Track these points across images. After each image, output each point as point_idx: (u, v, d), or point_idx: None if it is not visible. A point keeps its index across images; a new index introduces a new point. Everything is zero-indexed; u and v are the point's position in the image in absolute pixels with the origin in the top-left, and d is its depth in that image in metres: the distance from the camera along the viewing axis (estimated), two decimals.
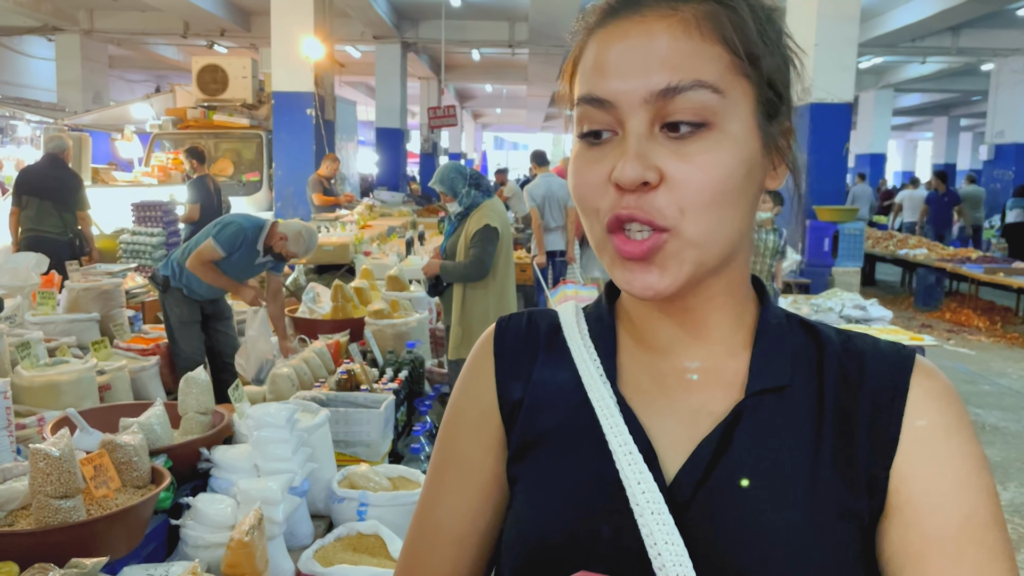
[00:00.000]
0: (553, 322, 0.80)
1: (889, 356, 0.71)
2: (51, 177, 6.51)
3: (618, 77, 0.64)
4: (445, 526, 0.77)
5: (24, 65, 16.39)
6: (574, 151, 0.70)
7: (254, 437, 2.35)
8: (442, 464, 0.80)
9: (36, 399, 2.89)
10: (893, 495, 0.66)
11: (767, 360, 0.71)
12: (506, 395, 0.77)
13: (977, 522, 0.64)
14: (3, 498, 1.81)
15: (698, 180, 0.63)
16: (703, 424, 0.70)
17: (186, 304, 4.16)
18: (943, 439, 0.67)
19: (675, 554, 0.62)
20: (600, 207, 0.66)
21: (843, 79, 9.30)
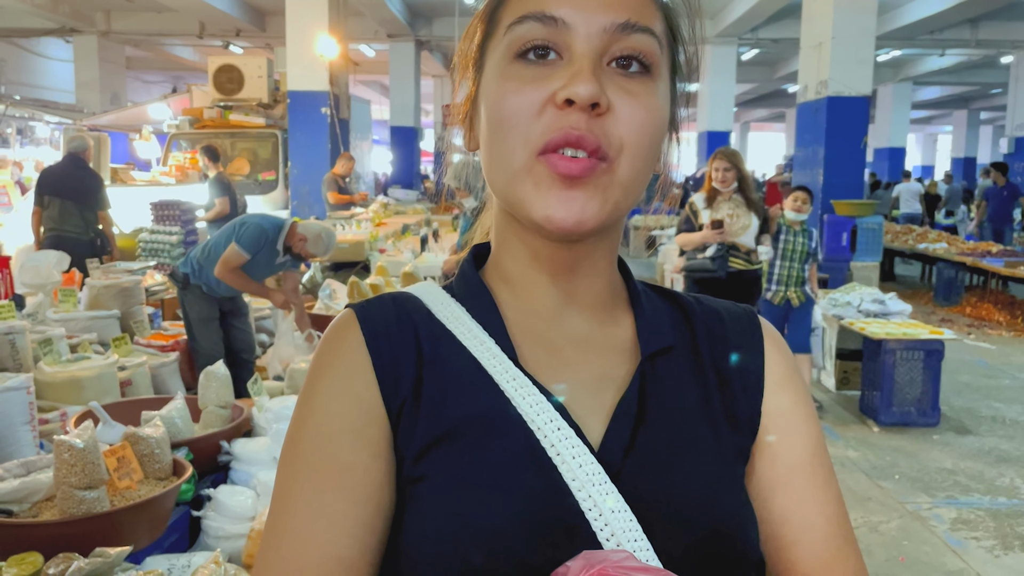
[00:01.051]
0: (419, 305, 0.73)
1: (740, 315, 0.79)
2: (72, 177, 6.56)
3: (578, 4, 0.65)
4: (330, 550, 0.63)
5: (42, 67, 16.56)
6: (500, 73, 0.67)
7: (273, 430, 2.37)
8: (313, 477, 0.65)
9: (58, 394, 2.92)
10: (762, 432, 0.74)
11: (651, 324, 0.75)
12: (391, 392, 0.68)
13: (820, 447, 0.75)
14: (28, 490, 1.84)
15: (641, 118, 0.65)
16: (609, 390, 0.70)
17: (205, 301, 4.19)
18: (792, 382, 0.77)
19: (623, 520, 0.62)
20: (533, 128, 0.64)
21: (860, 72, 9.23)
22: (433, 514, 0.64)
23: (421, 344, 0.70)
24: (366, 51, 16.85)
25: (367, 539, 0.64)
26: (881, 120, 21.32)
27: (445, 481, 0.65)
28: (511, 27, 0.67)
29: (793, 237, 5.43)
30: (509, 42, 0.67)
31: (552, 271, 0.72)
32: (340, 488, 0.64)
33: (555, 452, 0.64)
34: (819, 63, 9.47)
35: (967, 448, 4.99)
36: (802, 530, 0.71)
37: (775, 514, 0.72)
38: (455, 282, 0.76)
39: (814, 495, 0.72)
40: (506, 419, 0.66)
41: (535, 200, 0.65)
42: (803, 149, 10.08)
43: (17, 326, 3.03)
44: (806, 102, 9.86)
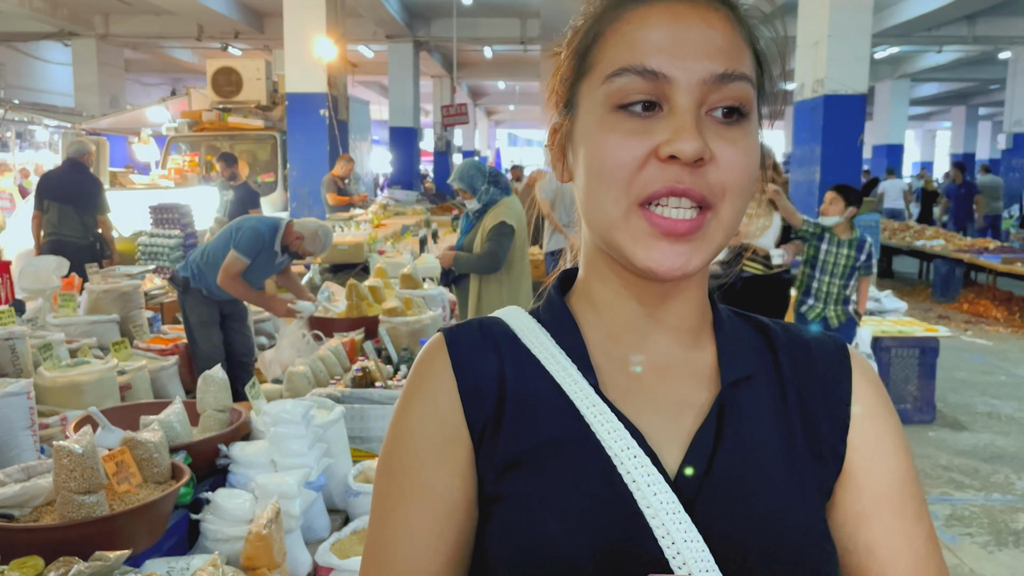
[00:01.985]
0: (506, 330, 0.76)
1: (829, 346, 0.79)
2: (71, 182, 6.59)
3: (678, 55, 0.65)
4: (416, 563, 0.69)
5: (41, 70, 16.58)
6: (600, 122, 0.68)
7: (271, 433, 2.39)
8: (402, 494, 0.71)
9: (59, 399, 2.95)
10: (848, 464, 0.74)
11: (733, 352, 0.75)
12: (475, 414, 0.71)
13: (910, 480, 0.75)
14: (28, 494, 1.86)
15: (741, 164, 0.67)
16: (687, 417, 0.72)
17: (205, 305, 4.22)
18: (881, 415, 0.76)
19: (696, 550, 0.64)
20: (635, 180, 0.66)
21: (857, 70, 9.25)
22: (509, 534, 0.68)
23: (505, 368, 0.73)
24: (365, 52, 16.87)
25: (449, 552, 0.69)
26: (879, 117, 21.32)
27: (521, 502, 0.68)
28: (610, 78, 0.67)
29: (836, 248, 4.67)
30: (608, 92, 0.67)
31: (642, 299, 0.73)
32: (423, 505, 0.70)
33: (631, 479, 0.66)
34: (816, 61, 9.49)
35: (962, 444, 5.02)
36: (889, 563, 0.71)
37: (860, 546, 0.72)
38: (542, 307, 0.79)
39: (902, 528, 0.72)
40: (584, 445, 0.69)
41: (636, 250, 0.67)
42: (800, 147, 10.10)
43: (17, 331, 3.07)
44: (803, 100, 9.88)
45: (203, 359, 4.04)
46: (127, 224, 7.61)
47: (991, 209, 14.23)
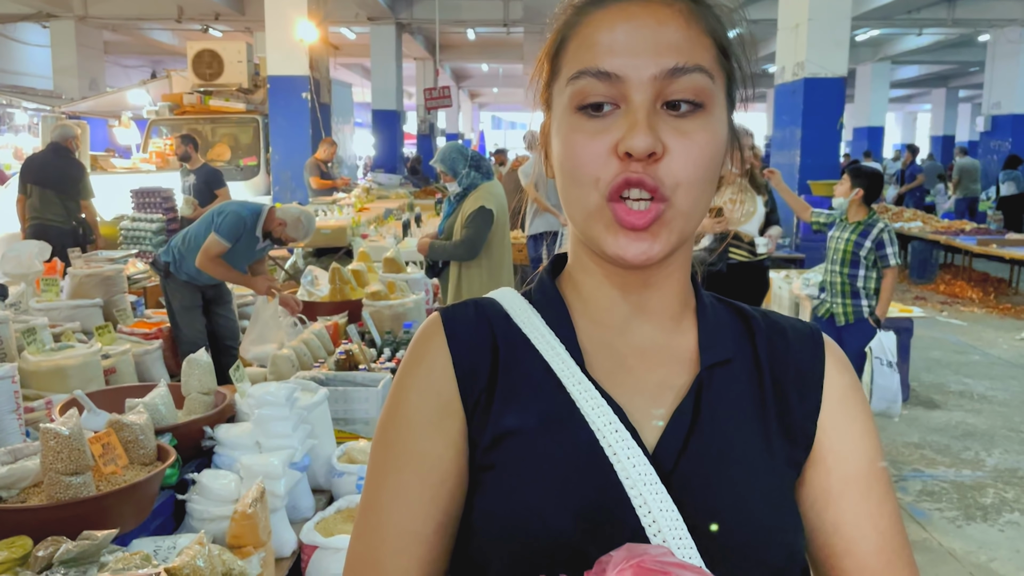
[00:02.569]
0: (499, 310, 0.81)
1: (804, 332, 0.84)
2: (53, 166, 6.55)
3: (629, 55, 0.69)
4: (408, 527, 0.74)
5: (19, 52, 16.37)
6: (567, 123, 0.72)
7: (255, 415, 2.43)
8: (396, 462, 0.76)
9: (43, 383, 2.96)
10: (817, 445, 0.79)
11: (713, 336, 0.80)
12: (468, 388, 0.76)
13: (877, 463, 0.79)
14: (16, 476, 1.90)
15: (695, 155, 0.70)
16: (667, 398, 0.76)
17: (187, 289, 4.24)
18: (851, 399, 0.81)
19: (670, 519, 0.68)
20: (601, 176, 0.70)
21: (836, 53, 9.31)
22: (497, 500, 0.73)
23: (498, 346, 0.78)
24: (347, 34, 16.77)
25: (439, 517, 0.74)
26: (860, 99, 21.44)
27: (510, 471, 0.73)
28: (571, 80, 0.71)
29: (839, 232, 4.39)
30: (571, 94, 0.72)
31: (623, 287, 0.78)
32: (417, 472, 0.75)
33: (612, 452, 0.71)
34: (796, 44, 9.55)
35: (935, 423, 5.13)
36: (853, 541, 0.75)
37: (827, 524, 0.77)
38: (534, 289, 0.84)
39: (867, 508, 0.76)
40: (569, 419, 0.73)
41: (607, 239, 0.71)
42: (780, 130, 10.17)
43: (0, 316, 3.08)
44: (783, 83, 9.94)
45: (186, 343, 4.06)
46: (109, 208, 7.59)
47: (969, 191, 14.38)
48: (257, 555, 2.00)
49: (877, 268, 4.27)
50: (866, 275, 4.28)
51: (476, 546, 0.74)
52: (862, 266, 4.27)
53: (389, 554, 0.74)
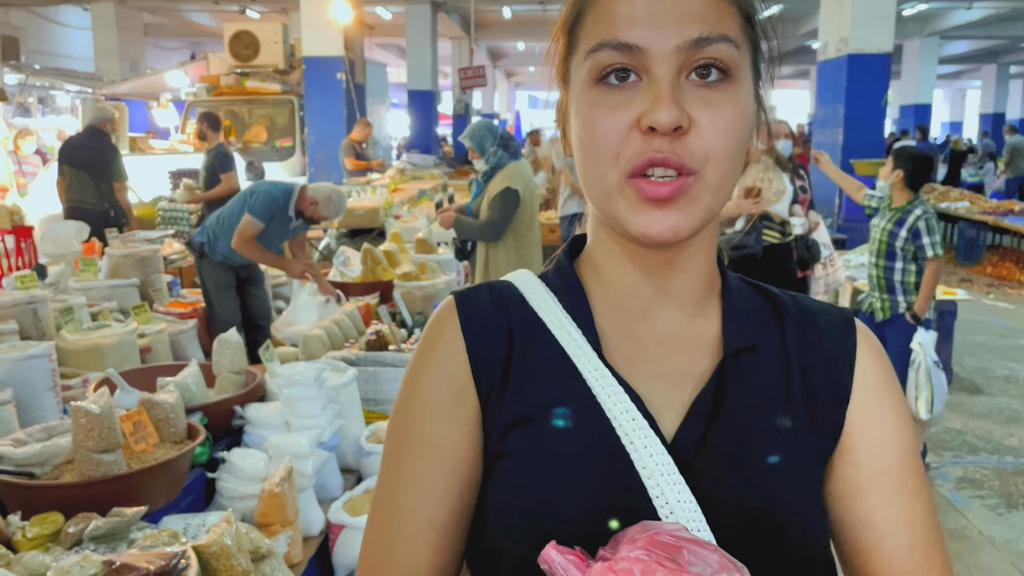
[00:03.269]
0: (515, 294, 0.78)
1: (836, 318, 0.80)
2: (87, 148, 6.61)
3: (650, 25, 0.65)
4: (422, 514, 0.73)
5: (61, 35, 16.63)
6: (585, 98, 0.69)
7: (284, 395, 2.44)
8: (411, 449, 0.75)
9: (80, 361, 3.01)
10: (846, 437, 0.75)
11: (737, 321, 0.76)
12: (483, 373, 0.74)
13: (911, 456, 0.76)
14: (49, 453, 1.93)
15: (723, 127, 0.66)
16: (688, 385, 0.73)
17: (222, 269, 4.28)
18: (884, 389, 0.77)
19: (688, 510, 0.66)
20: (622, 152, 0.67)
21: (882, 28, 9.08)
22: (511, 489, 0.71)
23: (513, 331, 0.75)
24: (382, 14, 16.74)
25: (454, 504, 0.73)
26: (907, 76, 20.90)
27: (523, 460, 0.71)
28: (589, 54, 0.68)
29: (879, 220, 4.04)
30: (589, 68, 0.69)
31: (646, 268, 0.74)
32: (431, 460, 0.73)
33: (628, 441, 0.69)
34: (840, 19, 9.32)
35: (978, 408, 5.01)
36: (884, 536, 0.73)
37: (858, 518, 0.74)
38: (551, 272, 0.81)
39: (900, 503, 0.73)
40: (585, 407, 0.71)
41: (630, 217, 0.67)
42: (823, 108, 9.96)
43: (39, 295, 3.12)
44: (826, 60, 9.72)
45: (221, 323, 4.09)
46: (147, 189, 7.68)
47: (1019, 171, 13.99)
48: (284, 533, 2.02)
49: (917, 261, 3.87)
50: (904, 268, 3.90)
51: (490, 535, 0.73)
52: (899, 258, 3.90)
53: (403, 541, 0.74)
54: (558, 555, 0.57)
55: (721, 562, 0.56)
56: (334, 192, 4.28)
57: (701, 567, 0.56)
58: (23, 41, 15.10)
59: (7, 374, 2.40)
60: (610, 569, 0.55)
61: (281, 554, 1.92)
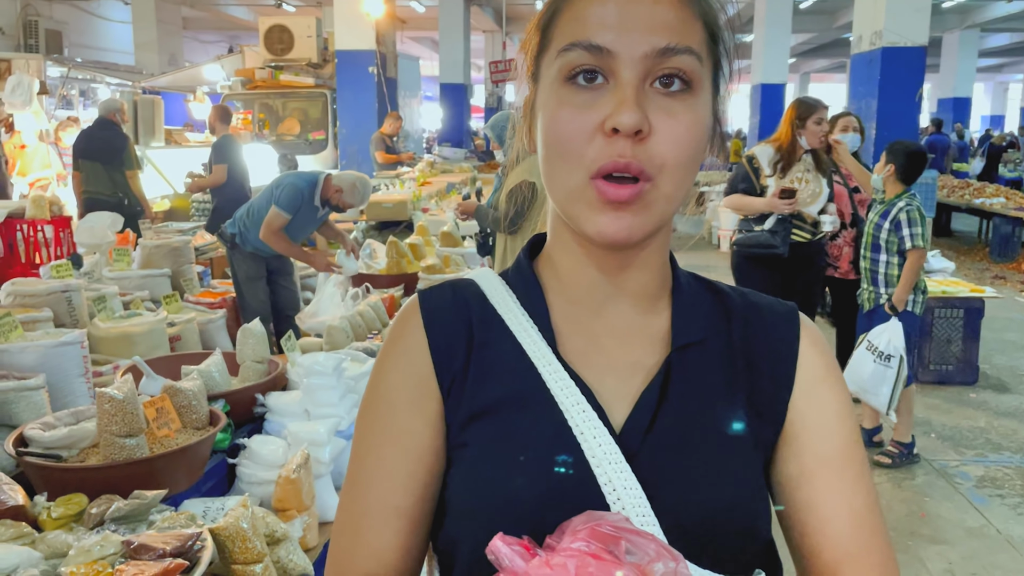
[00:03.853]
0: (476, 291, 0.82)
1: (780, 312, 0.83)
2: (99, 139, 6.67)
3: (621, 30, 0.68)
4: (388, 501, 0.77)
5: (103, 28, 16.94)
6: (554, 96, 0.71)
7: (304, 384, 2.51)
8: (377, 440, 0.79)
9: (112, 349, 3.10)
10: (789, 425, 0.79)
11: (686, 317, 0.80)
12: (444, 368, 0.78)
13: (853, 443, 0.79)
14: (75, 437, 2.01)
15: (680, 135, 0.69)
16: (638, 377, 0.77)
17: (252, 261, 4.37)
18: (825, 379, 0.80)
19: (634, 497, 0.70)
20: (585, 153, 0.69)
21: (917, 21, 8.93)
22: (469, 477, 0.75)
23: (473, 327, 0.79)
24: (416, 7, 16.82)
25: (418, 491, 0.77)
26: (946, 69, 20.54)
27: (480, 450, 0.75)
28: (561, 52, 0.71)
29: (871, 212, 4.19)
30: (560, 66, 0.71)
31: (602, 267, 0.77)
32: (396, 448, 0.78)
33: (579, 432, 0.72)
34: (874, 12, 9.19)
35: (1003, 406, 4.95)
36: (827, 520, 0.76)
37: (802, 502, 0.77)
38: (511, 271, 0.84)
39: (841, 488, 0.77)
40: (539, 400, 0.75)
41: (588, 217, 0.70)
42: (857, 102, 9.83)
43: (73, 284, 3.22)
44: (860, 53, 9.59)
45: (250, 313, 4.18)
46: (182, 181, 7.83)
47: None
48: (300, 518, 2.08)
49: (901, 255, 3.95)
50: (887, 260, 3.99)
51: (450, 522, 0.77)
52: (883, 250, 4.00)
53: (370, 526, 0.78)
54: (504, 546, 0.61)
55: (658, 551, 0.60)
56: (358, 179, 4.34)
57: (639, 556, 0.59)
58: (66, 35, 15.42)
59: (40, 360, 2.48)
60: (546, 563, 0.58)
61: (296, 538, 1.98)
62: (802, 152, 4.21)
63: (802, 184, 4.21)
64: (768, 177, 4.26)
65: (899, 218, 3.94)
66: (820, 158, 4.30)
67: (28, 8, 14.52)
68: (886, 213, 4.01)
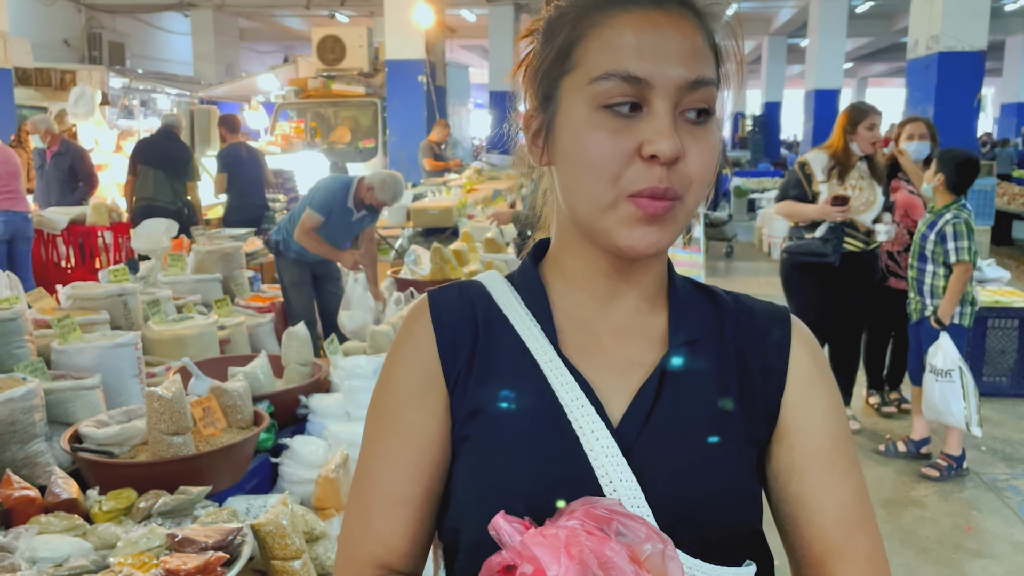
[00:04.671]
0: (482, 292, 0.87)
1: (773, 314, 0.88)
2: (165, 148, 6.95)
3: (655, 61, 0.73)
4: (395, 490, 0.81)
5: (163, 40, 17.46)
6: (585, 120, 0.75)
7: (345, 386, 2.57)
8: (385, 432, 0.83)
9: (164, 351, 3.21)
10: (781, 422, 0.83)
11: (682, 318, 0.84)
12: (450, 364, 0.82)
13: (842, 440, 0.83)
14: (126, 434, 2.10)
15: (706, 159, 0.75)
16: (636, 375, 0.81)
17: (296, 266, 4.48)
18: (816, 379, 0.85)
19: (629, 489, 0.74)
20: (622, 175, 0.73)
21: (975, 25, 8.74)
22: (472, 468, 0.80)
23: (479, 326, 0.83)
24: (467, 16, 17.00)
25: (424, 482, 0.81)
26: (1009, 74, 19.98)
27: (483, 443, 0.79)
28: (596, 80, 0.74)
29: (921, 222, 4.11)
30: (595, 93, 0.75)
31: (608, 272, 0.82)
32: (403, 441, 0.82)
33: (578, 426, 0.77)
34: (931, 16, 9.02)
35: None
36: (816, 512, 0.80)
37: (792, 496, 0.82)
38: (516, 273, 0.89)
39: (830, 483, 0.81)
40: (540, 395, 0.79)
41: (620, 231, 0.75)
42: (913, 107, 9.65)
43: (129, 288, 3.34)
44: (916, 58, 9.42)
45: (295, 317, 4.29)
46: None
47: None
48: (338, 517, 2.13)
49: (948, 267, 3.86)
50: (933, 272, 3.91)
51: (454, 510, 0.81)
52: (929, 261, 3.93)
53: (377, 514, 0.82)
54: (505, 523, 0.65)
55: (648, 534, 0.64)
56: (388, 176, 4.42)
57: (629, 537, 0.63)
58: (128, 46, 15.94)
59: (96, 360, 2.58)
60: (540, 533, 0.62)
61: (334, 536, 2.03)
62: (856, 159, 4.15)
63: (855, 191, 4.12)
64: (821, 183, 4.19)
65: (945, 230, 3.87)
66: (875, 165, 4.20)
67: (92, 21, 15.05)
68: (933, 224, 3.94)
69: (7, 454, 2.03)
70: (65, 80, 10.47)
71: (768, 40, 20.46)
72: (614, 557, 0.61)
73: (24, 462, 2.04)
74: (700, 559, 0.75)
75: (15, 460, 2.03)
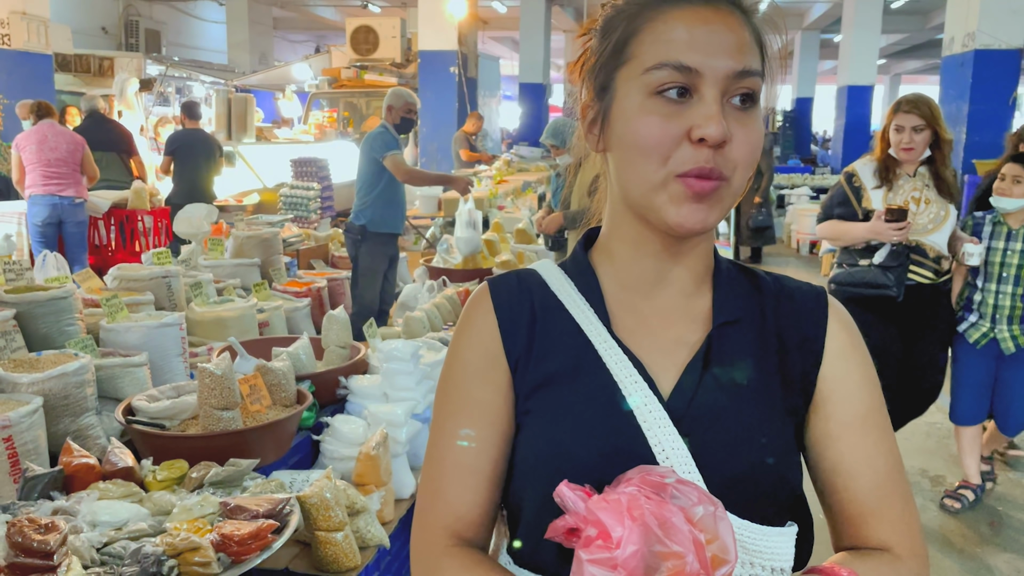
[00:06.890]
0: (538, 279, 0.94)
1: (810, 294, 0.94)
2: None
3: (705, 53, 0.79)
4: (465, 461, 0.87)
5: (198, 29, 17.66)
6: (639, 106, 0.81)
7: (383, 369, 2.64)
8: (455, 408, 0.90)
9: (206, 332, 3.30)
10: (818, 394, 0.90)
11: (725, 299, 0.91)
12: (511, 345, 0.89)
13: (875, 410, 0.89)
14: (177, 409, 2.19)
15: (752, 143, 0.81)
16: (683, 352, 0.88)
17: (382, 247, 4.60)
18: (851, 352, 0.91)
19: (681, 457, 0.81)
20: (672, 155, 0.79)
21: (1012, 22, 8.65)
22: (533, 440, 0.86)
23: (536, 310, 0.90)
24: (498, 7, 17.00)
25: (491, 453, 0.88)
26: None
27: (544, 416, 0.86)
28: (650, 70, 0.81)
29: (1007, 242, 3.36)
30: (648, 82, 0.81)
31: (656, 255, 0.88)
32: (471, 416, 0.89)
33: (632, 401, 0.83)
34: (967, 13, 8.93)
35: None
36: (851, 477, 0.87)
37: (827, 463, 0.88)
38: (568, 260, 0.96)
39: (864, 449, 0.87)
40: (595, 372, 0.86)
41: (670, 209, 0.81)
42: (947, 105, 9.56)
43: (173, 270, 3.44)
44: (951, 55, 9.33)
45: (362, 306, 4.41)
46: (271, 176, 8.15)
47: None
48: (378, 493, 2.21)
49: None
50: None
51: (518, 480, 0.88)
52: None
53: (448, 485, 0.89)
54: (569, 491, 0.72)
55: (700, 497, 0.70)
56: (392, 89, 4.68)
57: (683, 500, 0.70)
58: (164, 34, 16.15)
59: (143, 339, 2.68)
60: (604, 499, 0.69)
61: (374, 511, 2.11)
62: (914, 166, 3.32)
63: (919, 205, 3.28)
64: (873, 196, 3.34)
65: None
66: (940, 173, 3.30)
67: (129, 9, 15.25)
68: None
69: (60, 426, 2.12)
70: (103, 66, 10.65)
71: (801, 35, 20.30)
72: (672, 518, 0.67)
73: (76, 434, 2.13)
74: (747, 520, 0.81)
75: (67, 432, 2.12)
